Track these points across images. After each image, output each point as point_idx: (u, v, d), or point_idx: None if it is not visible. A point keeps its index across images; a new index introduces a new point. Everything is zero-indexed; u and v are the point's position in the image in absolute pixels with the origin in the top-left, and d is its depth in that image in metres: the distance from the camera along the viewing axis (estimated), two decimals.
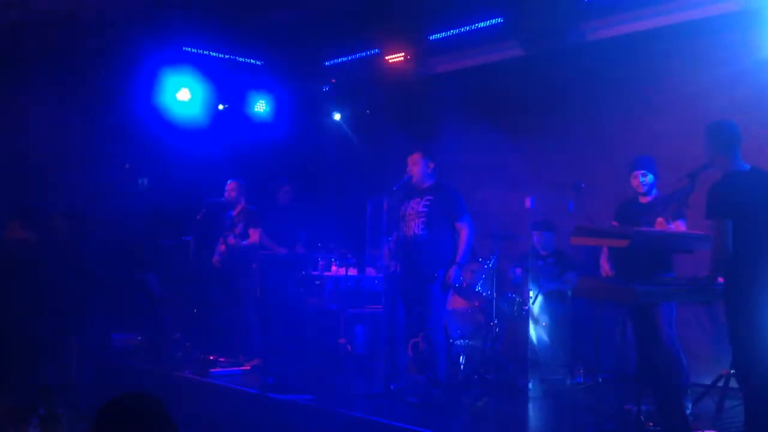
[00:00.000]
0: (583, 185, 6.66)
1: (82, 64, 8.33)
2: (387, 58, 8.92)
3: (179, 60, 9.14)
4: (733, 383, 5.29)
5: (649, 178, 5.63)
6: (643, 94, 7.50)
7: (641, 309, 4.80)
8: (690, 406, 5.38)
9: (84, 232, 5.75)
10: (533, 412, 6.20)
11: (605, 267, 5.74)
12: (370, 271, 8.11)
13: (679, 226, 5.25)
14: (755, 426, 4.36)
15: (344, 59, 9.48)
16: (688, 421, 4.83)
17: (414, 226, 6.20)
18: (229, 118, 9.70)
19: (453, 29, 8.34)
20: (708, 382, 5.96)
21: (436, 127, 8.80)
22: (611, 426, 5.18)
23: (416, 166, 6.25)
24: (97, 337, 5.47)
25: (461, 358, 7.07)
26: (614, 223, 5.70)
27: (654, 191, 5.66)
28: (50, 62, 8.20)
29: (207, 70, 9.35)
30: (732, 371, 5.39)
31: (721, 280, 4.55)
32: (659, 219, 5.04)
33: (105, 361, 5.34)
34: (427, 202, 6.16)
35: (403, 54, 8.85)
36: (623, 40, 7.45)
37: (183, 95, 9.26)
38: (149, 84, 9.02)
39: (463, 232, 6.16)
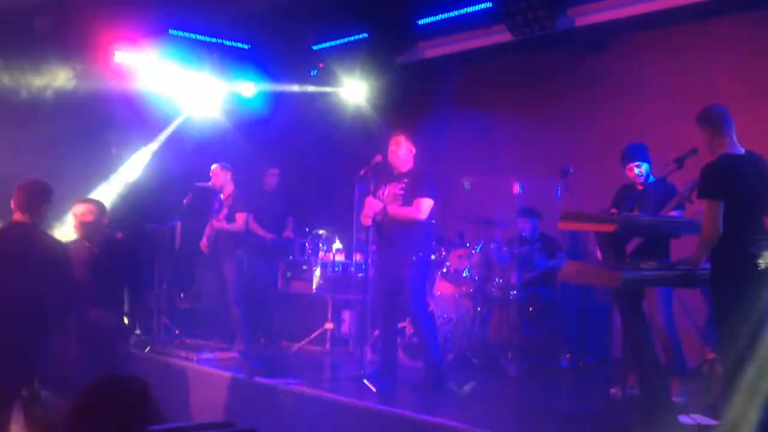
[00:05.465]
0: (571, 170, 6.67)
1: (68, 45, 8.23)
2: (375, 42, 8.88)
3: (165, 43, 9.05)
4: (719, 368, 5.33)
5: (644, 167, 5.68)
6: (633, 78, 7.50)
7: (635, 294, 4.81)
8: (686, 392, 5.42)
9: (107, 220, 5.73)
10: (519, 395, 6.22)
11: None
12: (358, 256, 8.09)
13: None
14: (736, 410, 4.39)
15: (332, 43, 9.42)
16: (673, 405, 4.85)
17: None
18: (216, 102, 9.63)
19: (441, 13, 8.30)
20: (693, 366, 5.99)
21: (424, 112, 8.77)
22: (597, 409, 5.20)
23: (398, 148, 6.17)
24: (92, 321, 5.43)
25: (447, 342, 7.09)
26: (611, 208, 5.73)
27: (650, 177, 5.70)
28: (37, 43, 8.11)
29: (194, 52, 9.27)
30: (717, 356, 5.43)
31: (703, 262, 4.58)
32: None
33: (99, 345, 5.31)
34: (404, 185, 6.11)
35: (391, 38, 8.81)
36: (611, 25, 7.45)
37: (172, 80, 9.18)
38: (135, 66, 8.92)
39: (414, 207, 5.98)
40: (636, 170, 5.69)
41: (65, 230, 5.51)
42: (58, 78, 8.13)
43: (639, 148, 5.77)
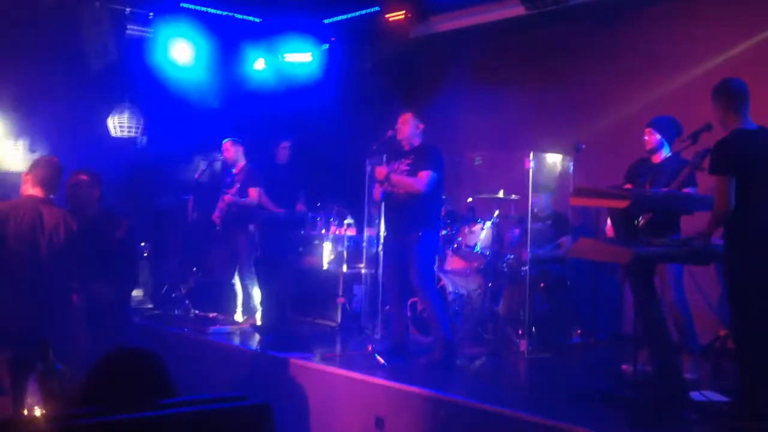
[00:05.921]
0: (584, 146, 6.64)
1: (76, 21, 8.23)
2: (387, 16, 8.82)
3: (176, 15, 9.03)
4: (731, 344, 5.33)
5: (655, 137, 5.64)
6: (649, 53, 7.42)
7: (646, 270, 4.79)
8: (697, 369, 5.42)
9: (101, 191, 5.69)
10: (530, 371, 6.23)
11: (609, 232, 5.75)
12: (369, 230, 8.09)
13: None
14: (751, 386, 4.39)
15: (344, 17, 9.36)
16: (684, 382, 4.85)
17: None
18: (228, 76, 9.61)
19: None
20: (705, 342, 5.99)
21: (437, 86, 8.72)
22: (608, 385, 5.21)
23: (406, 125, 6.19)
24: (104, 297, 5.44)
25: (458, 318, 7.10)
26: (625, 182, 5.70)
27: (666, 151, 5.66)
28: (45, 20, 8.09)
29: (205, 26, 9.24)
30: (729, 332, 5.42)
31: (714, 238, 4.56)
32: None
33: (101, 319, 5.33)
34: (411, 161, 6.11)
35: (403, 12, 8.75)
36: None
37: (181, 54, 9.16)
38: (147, 41, 8.91)
39: (417, 178, 5.99)
40: (645, 136, 5.69)
41: (57, 200, 5.47)
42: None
43: (660, 119, 5.74)
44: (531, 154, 6.60)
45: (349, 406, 5.59)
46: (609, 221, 5.80)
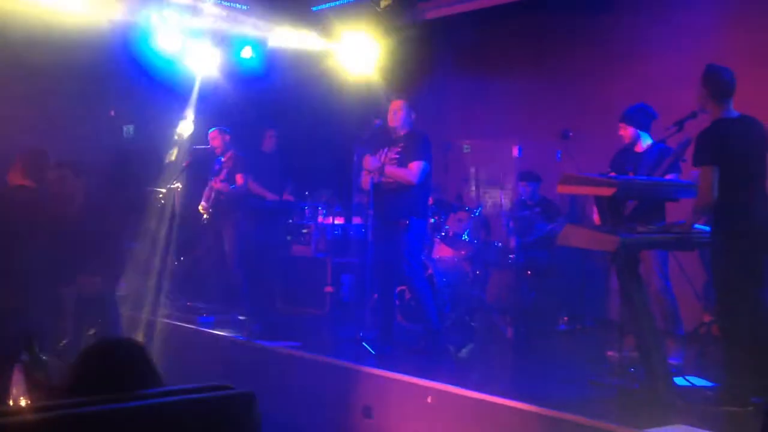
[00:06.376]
0: (571, 134, 6.65)
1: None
2: (376, 3, 8.78)
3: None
4: (715, 330, 5.36)
5: (629, 130, 5.66)
6: (635, 40, 7.42)
7: (632, 257, 4.82)
8: (683, 355, 5.46)
9: (87, 185, 5.65)
10: (517, 358, 6.27)
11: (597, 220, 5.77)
12: (357, 219, 8.10)
13: None
14: (735, 371, 4.43)
15: (333, 4, 9.31)
16: (669, 367, 4.89)
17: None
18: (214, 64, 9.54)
19: None
20: (690, 328, 6.02)
21: (425, 74, 8.71)
22: (594, 372, 5.24)
23: (399, 113, 6.16)
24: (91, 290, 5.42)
25: (446, 306, 7.13)
26: (609, 171, 5.72)
27: (645, 140, 5.67)
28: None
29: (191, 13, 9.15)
30: (714, 318, 5.46)
31: (697, 227, 4.59)
32: None
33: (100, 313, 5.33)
34: (399, 149, 6.10)
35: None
36: None
37: (167, 41, 9.08)
38: (131, 28, 8.83)
39: (409, 170, 6.00)
40: (621, 131, 5.71)
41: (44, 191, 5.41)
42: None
43: (630, 110, 5.74)
44: (519, 142, 6.61)
45: (337, 394, 5.60)
46: (596, 209, 5.83)
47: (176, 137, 8.39)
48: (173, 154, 8.51)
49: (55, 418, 1.92)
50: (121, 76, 9.00)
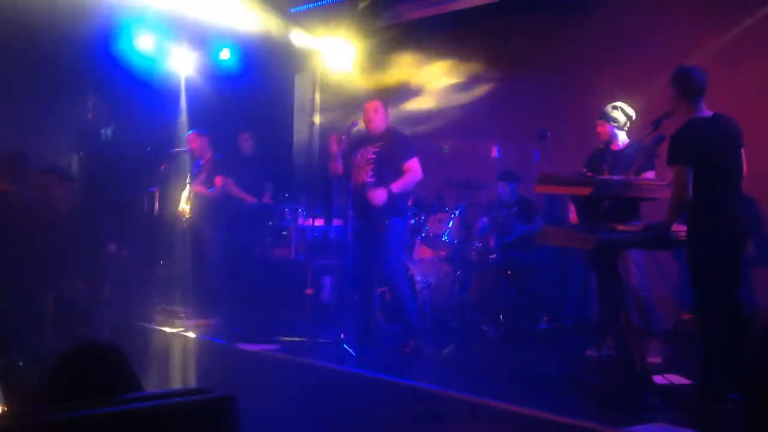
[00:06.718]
0: (549, 134, 6.68)
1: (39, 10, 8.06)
2: (355, 4, 8.78)
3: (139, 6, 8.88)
4: (693, 328, 5.41)
5: (606, 127, 5.70)
6: (612, 39, 7.47)
7: (609, 256, 4.86)
8: (661, 353, 5.50)
9: (72, 192, 5.61)
10: (498, 358, 6.28)
11: (573, 219, 5.82)
12: (337, 221, 8.09)
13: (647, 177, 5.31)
14: (713, 369, 4.47)
15: (311, 6, 9.30)
16: (648, 366, 4.93)
17: (363, 174, 6.12)
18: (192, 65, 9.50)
19: None
20: (668, 327, 6.07)
21: (404, 75, 8.72)
22: (574, 371, 5.27)
23: (376, 114, 6.18)
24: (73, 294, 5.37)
25: (426, 307, 7.14)
26: (585, 170, 5.75)
27: (622, 138, 5.72)
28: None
29: (170, 15, 9.11)
30: (692, 316, 5.51)
31: (675, 227, 4.63)
32: None
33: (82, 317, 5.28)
34: (377, 149, 6.11)
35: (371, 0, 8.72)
36: None
37: (145, 44, 9.03)
38: (108, 30, 8.77)
39: (410, 172, 6.09)
40: (598, 128, 5.77)
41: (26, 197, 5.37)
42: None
43: (608, 108, 5.79)
44: (497, 143, 6.63)
45: (318, 396, 5.59)
46: (572, 208, 5.87)
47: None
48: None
49: (30, 425, 1.90)
50: (100, 78, 8.94)
